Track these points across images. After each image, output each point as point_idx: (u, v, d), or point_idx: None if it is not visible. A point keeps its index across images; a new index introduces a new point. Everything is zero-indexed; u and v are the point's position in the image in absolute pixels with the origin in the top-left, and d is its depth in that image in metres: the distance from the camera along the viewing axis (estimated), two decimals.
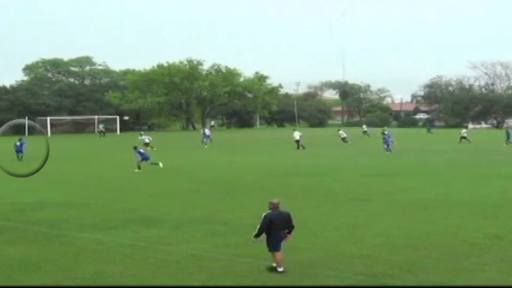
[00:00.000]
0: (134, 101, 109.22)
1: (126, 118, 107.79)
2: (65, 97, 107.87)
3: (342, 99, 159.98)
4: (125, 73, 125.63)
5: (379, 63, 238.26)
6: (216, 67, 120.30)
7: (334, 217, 21.06)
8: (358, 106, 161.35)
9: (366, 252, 15.95)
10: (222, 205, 23.84)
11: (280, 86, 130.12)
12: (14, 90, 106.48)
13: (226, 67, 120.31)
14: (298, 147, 55.16)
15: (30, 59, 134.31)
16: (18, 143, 47.07)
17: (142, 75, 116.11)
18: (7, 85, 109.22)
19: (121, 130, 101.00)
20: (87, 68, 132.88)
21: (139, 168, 37.24)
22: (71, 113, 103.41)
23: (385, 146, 49.79)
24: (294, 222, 14.38)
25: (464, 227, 19.07)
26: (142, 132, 73.17)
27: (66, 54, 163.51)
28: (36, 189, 29.01)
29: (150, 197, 26.29)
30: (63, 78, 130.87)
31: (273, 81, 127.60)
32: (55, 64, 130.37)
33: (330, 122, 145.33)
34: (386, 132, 55.29)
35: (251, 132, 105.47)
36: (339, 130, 69.68)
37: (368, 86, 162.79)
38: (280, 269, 14.00)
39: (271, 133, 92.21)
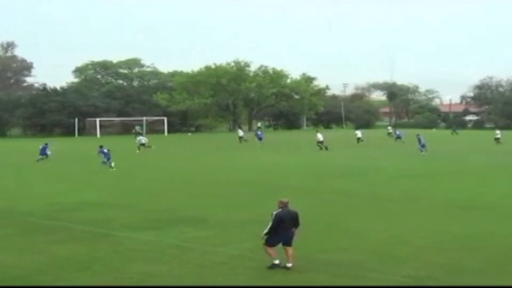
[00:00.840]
0: (181, 102, 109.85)
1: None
2: (113, 99, 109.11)
3: (390, 100, 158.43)
4: (173, 74, 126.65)
5: (428, 64, 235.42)
6: (263, 68, 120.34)
7: (376, 218, 20.96)
8: (406, 107, 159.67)
9: (411, 254, 15.82)
10: (267, 206, 23.72)
11: (327, 87, 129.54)
12: (64, 91, 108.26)
13: (273, 68, 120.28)
14: (321, 148, 56.16)
15: (80, 62, 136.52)
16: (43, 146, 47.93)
17: (189, 76, 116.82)
18: (58, 87, 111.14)
19: (168, 131, 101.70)
20: (136, 69, 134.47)
21: (111, 167, 39.05)
22: (120, 114, 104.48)
23: (420, 147, 51.05)
24: (300, 221, 14.77)
25: (505, 229, 18.86)
26: (137, 127, 75.85)
27: (115, 56, 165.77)
28: (75, 189, 29.49)
29: (194, 197, 26.42)
30: (112, 79, 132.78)
31: (320, 82, 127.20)
32: (105, 66, 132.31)
33: (377, 123, 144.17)
34: (419, 136, 55.39)
35: (298, 133, 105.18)
36: (356, 130, 73.93)
37: (417, 87, 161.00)
38: (289, 265, 14.32)
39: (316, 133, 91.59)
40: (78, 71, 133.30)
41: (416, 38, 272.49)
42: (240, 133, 72.30)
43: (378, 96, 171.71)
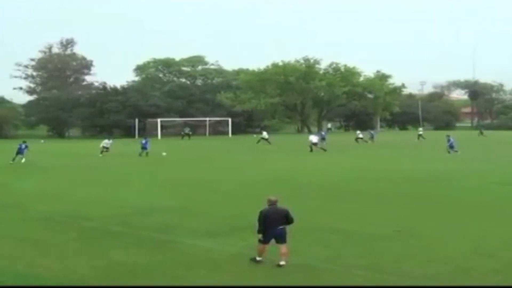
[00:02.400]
0: (246, 102, 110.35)
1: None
2: (176, 98, 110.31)
3: (472, 99, 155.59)
4: (238, 72, 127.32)
5: None
6: (334, 65, 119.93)
7: (456, 227, 20.62)
8: (489, 107, 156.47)
9: (497, 266, 15.55)
10: (333, 212, 23.81)
11: (403, 85, 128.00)
12: (125, 91, 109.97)
13: (345, 65, 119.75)
14: (311, 150, 58.37)
15: (142, 60, 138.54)
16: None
17: (255, 74, 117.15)
18: (118, 85, 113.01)
19: (232, 132, 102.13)
20: (199, 68, 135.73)
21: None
22: (182, 114, 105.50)
23: (449, 148, 53.89)
24: (293, 217, 16.03)
25: None
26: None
27: (178, 53, 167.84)
28: (138, 193, 29.97)
29: (259, 202, 26.50)
30: (174, 78, 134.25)
31: (395, 81, 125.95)
32: (167, 64, 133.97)
33: (458, 124, 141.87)
34: (449, 137, 57.02)
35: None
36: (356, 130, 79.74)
37: (501, 85, 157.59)
38: (281, 262, 15.49)
39: (392, 136, 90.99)
40: (139, 69, 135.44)
41: (501, 32, 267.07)
42: (265, 135, 74.79)
43: (459, 95, 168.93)
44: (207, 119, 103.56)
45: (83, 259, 16.59)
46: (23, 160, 47.09)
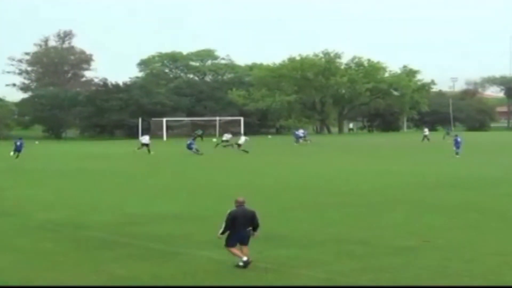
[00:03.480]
0: (260, 100, 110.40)
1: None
2: (183, 96, 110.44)
3: (509, 97, 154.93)
4: (251, 68, 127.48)
5: None
6: (356, 60, 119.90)
7: (494, 239, 20.42)
8: None
9: None
10: (359, 221, 23.67)
11: (433, 82, 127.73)
12: (127, 88, 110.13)
13: (369, 60, 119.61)
14: (222, 146, 65.27)
15: (146, 54, 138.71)
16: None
17: (270, 70, 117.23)
18: (120, 82, 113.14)
19: (245, 133, 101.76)
20: (209, 62, 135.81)
21: None
22: (190, 113, 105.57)
23: (455, 149, 54.56)
24: (259, 221, 16.90)
25: None
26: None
27: (186, 47, 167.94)
28: (150, 198, 29.98)
29: (277, 210, 26.44)
30: (182, 74, 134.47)
31: (424, 77, 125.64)
32: (173, 58, 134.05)
33: (493, 125, 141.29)
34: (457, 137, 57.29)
35: (397, 136, 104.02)
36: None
37: None
38: (244, 258, 16.46)
39: (420, 137, 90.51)
40: (143, 64, 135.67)
41: None
42: (225, 136, 72.87)
43: (494, 92, 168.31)
44: (217, 118, 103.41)
45: (81, 273, 16.52)
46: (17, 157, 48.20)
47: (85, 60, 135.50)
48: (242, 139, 63.31)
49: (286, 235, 21.07)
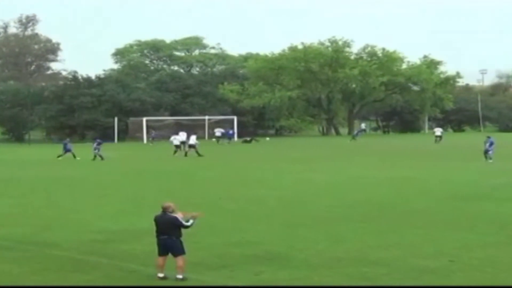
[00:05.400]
0: (257, 96, 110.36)
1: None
2: (166, 91, 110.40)
3: None
4: (246, 58, 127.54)
5: None
6: (369, 49, 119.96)
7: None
8: None
9: None
10: (374, 238, 23.62)
11: (458, 75, 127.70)
12: (101, 82, 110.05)
13: (383, 49, 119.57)
14: (183, 152, 63.25)
15: (123, 42, 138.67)
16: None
17: (268, 61, 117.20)
18: (93, 75, 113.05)
19: (239, 135, 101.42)
20: (196, 52, 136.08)
21: None
22: (174, 112, 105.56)
23: (490, 153, 54.82)
24: (183, 223, 17.76)
25: None
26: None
27: (169, 34, 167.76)
28: (121, 213, 29.87)
29: (278, 225, 26.38)
30: (164, 65, 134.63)
31: (448, 69, 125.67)
32: (155, 47, 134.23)
33: None
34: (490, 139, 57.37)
35: (417, 138, 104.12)
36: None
37: None
38: (179, 276, 17.37)
39: (444, 140, 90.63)
40: (120, 54, 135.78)
41: None
42: (179, 138, 68.05)
43: None
44: (206, 117, 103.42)
45: None
46: None
47: (51, 49, 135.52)
48: (193, 139, 63.14)
49: (288, 254, 21.02)
